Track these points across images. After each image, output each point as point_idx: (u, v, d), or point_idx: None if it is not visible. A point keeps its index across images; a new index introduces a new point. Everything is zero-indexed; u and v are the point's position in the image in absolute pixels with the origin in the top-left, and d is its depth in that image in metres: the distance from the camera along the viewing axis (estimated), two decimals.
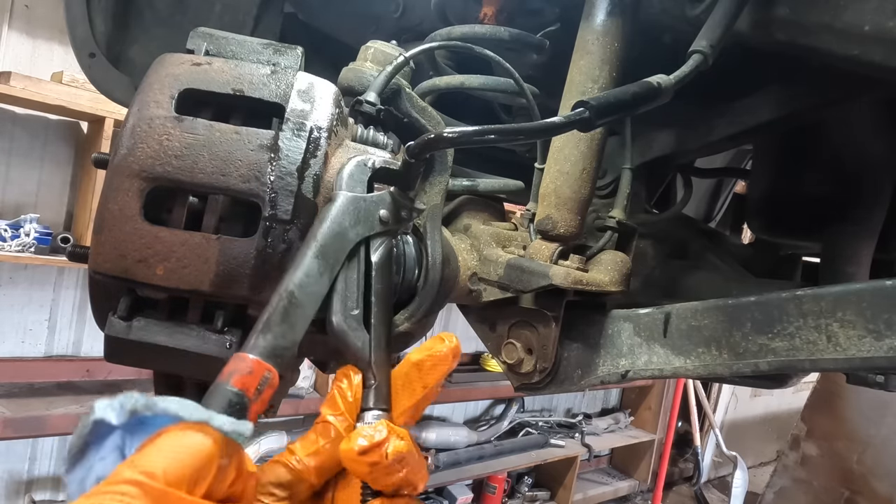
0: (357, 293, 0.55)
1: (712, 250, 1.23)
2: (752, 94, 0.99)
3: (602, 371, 0.82)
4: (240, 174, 0.55)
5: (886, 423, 3.40)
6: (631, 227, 0.89)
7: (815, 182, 1.16)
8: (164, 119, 0.55)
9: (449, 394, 4.03)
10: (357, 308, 0.55)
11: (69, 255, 0.62)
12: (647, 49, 0.82)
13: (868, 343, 0.60)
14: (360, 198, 0.57)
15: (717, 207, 1.80)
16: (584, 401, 5.39)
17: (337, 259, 0.54)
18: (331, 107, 0.60)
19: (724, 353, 0.71)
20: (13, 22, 2.90)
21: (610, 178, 1.02)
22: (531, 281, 0.77)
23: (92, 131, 3.03)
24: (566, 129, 0.62)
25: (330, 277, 0.53)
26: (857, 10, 0.63)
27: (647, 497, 5.35)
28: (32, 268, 2.96)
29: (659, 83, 0.64)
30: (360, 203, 0.57)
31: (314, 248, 0.52)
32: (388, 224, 0.58)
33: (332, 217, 0.55)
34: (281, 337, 0.49)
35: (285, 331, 0.49)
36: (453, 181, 0.91)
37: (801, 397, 4.39)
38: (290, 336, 0.49)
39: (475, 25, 0.90)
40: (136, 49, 1.27)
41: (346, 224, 0.55)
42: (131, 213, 0.54)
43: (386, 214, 0.58)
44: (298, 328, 0.50)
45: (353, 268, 0.55)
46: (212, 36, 0.64)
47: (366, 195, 0.58)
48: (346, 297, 0.54)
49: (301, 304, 0.50)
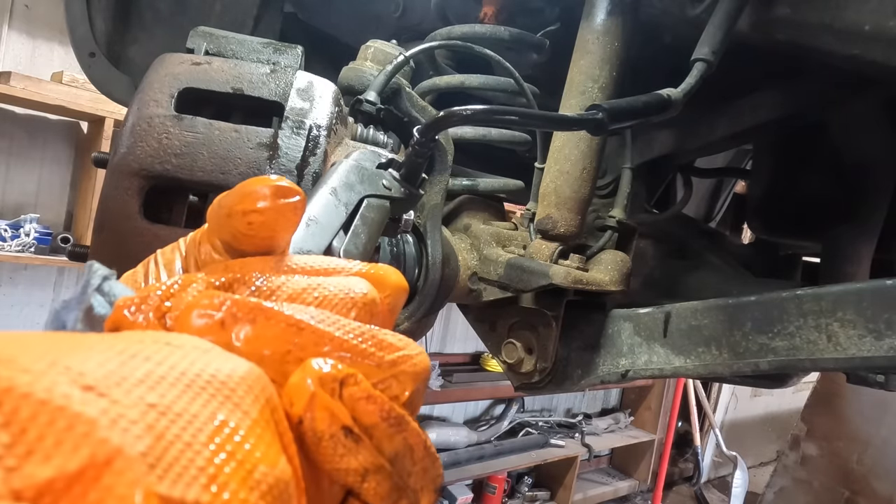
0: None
1: (712, 250, 1.23)
2: (752, 94, 0.99)
3: (602, 371, 0.82)
4: (239, 172, 0.55)
5: (886, 423, 3.40)
6: (631, 227, 0.89)
7: (815, 182, 1.16)
8: (164, 118, 0.55)
9: (449, 394, 4.03)
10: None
11: (69, 255, 0.62)
12: (647, 49, 0.82)
13: (868, 343, 0.60)
14: (364, 167, 0.57)
15: (717, 207, 1.80)
16: (584, 401, 5.39)
17: (348, 202, 0.53)
18: (330, 105, 0.60)
19: (724, 353, 0.71)
20: (13, 22, 2.90)
21: (610, 178, 1.02)
22: (531, 280, 0.77)
23: (92, 131, 3.03)
24: (578, 126, 0.63)
25: (345, 213, 0.52)
26: (857, 9, 0.63)
27: (647, 497, 5.35)
28: (32, 268, 2.96)
29: (669, 95, 0.65)
30: (364, 170, 0.57)
31: (328, 187, 0.52)
32: (391, 192, 0.58)
33: (342, 169, 0.54)
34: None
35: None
36: (453, 181, 0.91)
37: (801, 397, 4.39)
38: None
39: (475, 25, 0.90)
40: (136, 49, 1.27)
41: (353, 179, 0.55)
42: (131, 211, 0.54)
43: (388, 184, 0.58)
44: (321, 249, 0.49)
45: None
46: (212, 35, 0.64)
47: (369, 167, 0.58)
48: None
49: (321, 226, 0.49)
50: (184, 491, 0.17)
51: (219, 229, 0.30)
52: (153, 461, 0.17)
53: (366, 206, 0.54)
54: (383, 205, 0.56)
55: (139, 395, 0.18)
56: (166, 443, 0.18)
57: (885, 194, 1.08)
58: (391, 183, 0.58)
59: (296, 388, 0.23)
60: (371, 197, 0.55)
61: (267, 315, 0.25)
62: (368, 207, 0.54)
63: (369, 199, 0.54)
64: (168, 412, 0.18)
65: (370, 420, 0.24)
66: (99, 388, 0.18)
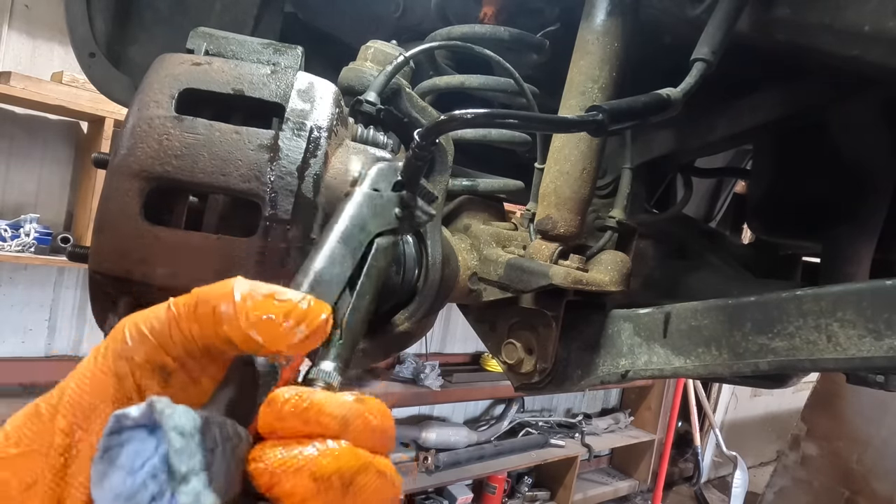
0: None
1: (712, 250, 1.23)
2: (752, 94, 0.99)
3: (602, 371, 0.82)
4: (240, 174, 0.55)
5: (886, 423, 3.40)
6: (631, 227, 0.89)
7: (815, 182, 1.16)
8: (164, 119, 0.55)
9: (449, 394, 4.04)
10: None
11: (69, 255, 0.62)
12: (647, 49, 0.82)
13: (868, 343, 0.60)
14: (377, 194, 0.57)
15: (717, 207, 1.80)
16: (584, 401, 5.39)
17: (359, 245, 0.53)
18: (331, 106, 0.60)
19: (724, 353, 0.71)
20: (13, 22, 2.90)
21: (610, 178, 1.02)
22: (531, 281, 0.77)
23: (92, 131, 3.03)
24: (578, 128, 0.63)
25: (352, 263, 0.52)
26: (857, 10, 0.63)
27: (647, 497, 5.35)
28: (32, 268, 2.96)
29: (669, 95, 0.65)
30: (378, 199, 0.56)
31: (337, 234, 0.52)
32: (402, 222, 0.58)
33: (354, 204, 0.54)
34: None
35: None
36: (453, 181, 0.91)
37: (801, 397, 4.39)
38: None
39: (475, 25, 0.90)
40: (136, 49, 1.27)
41: (365, 214, 0.54)
42: (131, 213, 0.54)
43: (400, 212, 0.58)
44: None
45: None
46: (212, 36, 0.64)
47: (382, 193, 0.57)
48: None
49: (326, 284, 0.49)
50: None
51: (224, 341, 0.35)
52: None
53: (374, 254, 0.53)
54: (391, 245, 0.55)
55: None
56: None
57: (885, 194, 1.08)
58: (403, 212, 0.57)
59: None
60: (381, 236, 0.54)
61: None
62: (376, 255, 0.53)
63: (378, 242, 0.54)
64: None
65: None
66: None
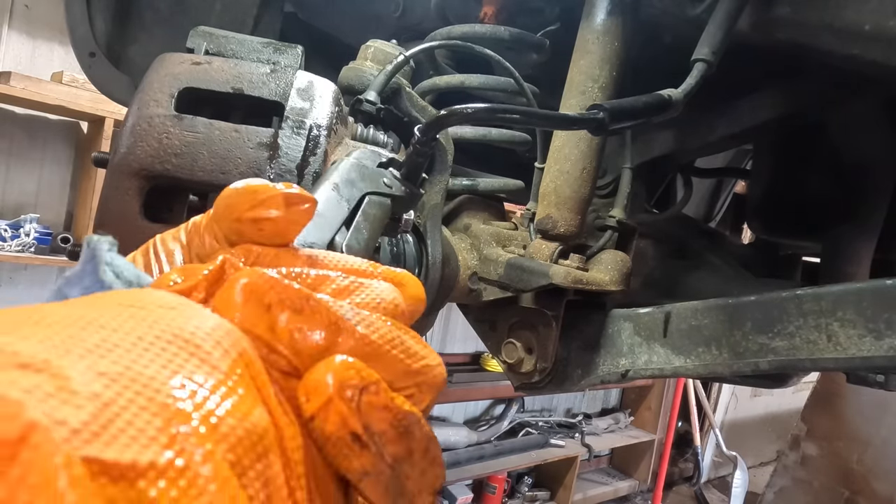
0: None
1: (712, 250, 1.23)
2: (752, 94, 0.99)
3: (602, 371, 0.82)
4: (239, 172, 0.55)
5: (886, 423, 3.39)
6: (631, 227, 0.89)
7: (815, 182, 1.16)
8: (164, 117, 0.55)
9: (449, 394, 4.03)
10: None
11: (69, 255, 0.62)
12: (647, 49, 0.82)
13: (868, 342, 0.60)
14: (365, 165, 0.57)
15: (717, 207, 1.80)
16: (584, 401, 5.39)
17: (351, 197, 0.53)
18: (330, 105, 0.60)
19: (724, 353, 0.71)
20: (13, 22, 2.90)
21: (610, 178, 1.02)
22: (531, 280, 0.77)
23: (92, 131, 3.03)
24: (579, 126, 0.63)
25: (347, 208, 0.51)
26: (857, 9, 0.63)
27: (647, 497, 5.35)
28: (32, 268, 2.96)
29: (670, 96, 0.65)
30: (365, 168, 0.56)
31: (330, 183, 0.51)
32: (391, 190, 0.58)
33: (343, 166, 0.54)
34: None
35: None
36: (453, 181, 0.91)
37: (801, 397, 4.39)
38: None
39: (475, 25, 0.90)
40: (136, 49, 1.27)
41: (354, 176, 0.54)
42: (131, 211, 0.54)
43: (389, 182, 0.58)
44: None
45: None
46: (212, 35, 0.64)
47: (370, 165, 0.57)
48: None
49: (323, 216, 0.48)
50: (119, 452, 0.17)
51: (227, 228, 0.30)
52: (97, 429, 0.17)
53: (367, 202, 0.54)
54: (384, 202, 0.56)
55: (87, 365, 0.18)
56: (117, 408, 0.17)
57: (885, 194, 1.08)
58: (392, 181, 0.57)
59: (314, 384, 0.23)
60: (372, 194, 0.55)
61: (313, 308, 0.24)
62: (370, 204, 0.54)
63: (370, 197, 0.54)
64: (120, 378, 0.18)
65: (380, 427, 0.23)
66: (36, 364, 0.17)
